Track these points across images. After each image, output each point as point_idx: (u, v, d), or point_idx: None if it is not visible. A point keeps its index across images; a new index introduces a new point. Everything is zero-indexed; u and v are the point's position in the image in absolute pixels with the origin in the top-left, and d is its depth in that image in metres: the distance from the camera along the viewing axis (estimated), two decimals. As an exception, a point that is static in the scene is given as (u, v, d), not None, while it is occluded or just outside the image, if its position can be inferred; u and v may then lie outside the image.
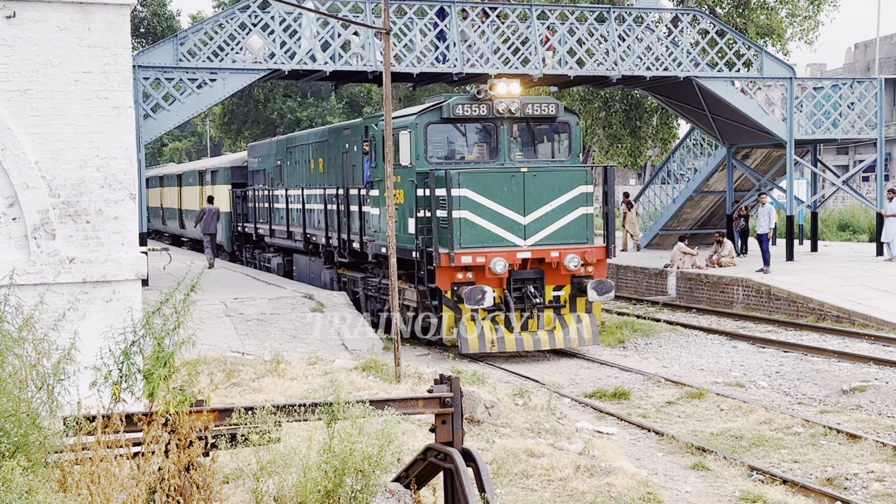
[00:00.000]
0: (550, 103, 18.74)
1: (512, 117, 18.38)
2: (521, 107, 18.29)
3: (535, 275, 17.63)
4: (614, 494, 9.37)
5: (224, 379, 13.64)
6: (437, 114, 18.26)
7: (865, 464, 11.50)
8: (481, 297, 16.59)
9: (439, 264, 17.21)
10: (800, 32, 32.72)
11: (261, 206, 29.16)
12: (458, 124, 18.56)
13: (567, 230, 17.77)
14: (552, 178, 17.79)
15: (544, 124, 19.09)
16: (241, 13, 21.72)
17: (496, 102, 18.08)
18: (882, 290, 22.08)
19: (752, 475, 11.10)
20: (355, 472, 6.78)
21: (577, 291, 17.99)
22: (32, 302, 7.92)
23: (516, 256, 17.31)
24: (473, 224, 17.23)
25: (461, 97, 18.65)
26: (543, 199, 17.60)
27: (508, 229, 17.44)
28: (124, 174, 9.08)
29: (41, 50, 8.90)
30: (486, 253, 17.05)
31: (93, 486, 6.24)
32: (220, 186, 33.22)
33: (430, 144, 18.33)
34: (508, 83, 18.42)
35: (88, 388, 6.64)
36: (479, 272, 17.15)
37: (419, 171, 18.13)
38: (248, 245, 31.45)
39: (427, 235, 17.93)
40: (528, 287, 17.46)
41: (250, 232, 30.44)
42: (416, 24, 22.99)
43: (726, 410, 14.25)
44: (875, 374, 15.80)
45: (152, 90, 21.03)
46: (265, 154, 29.98)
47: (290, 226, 26.00)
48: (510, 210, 17.44)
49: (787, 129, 26.26)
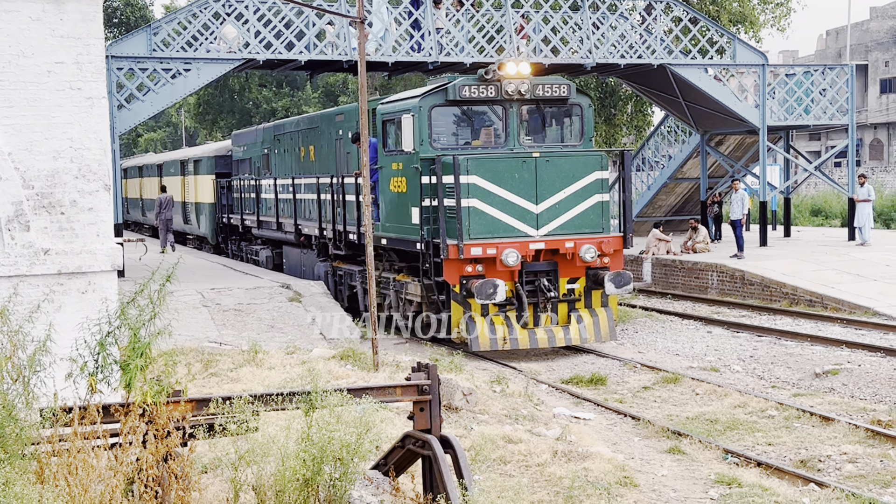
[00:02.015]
0: (562, 84, 17.51)
1: (521, 99, 17.13)
2: (531, 88, 17.05)
3: (549, 267, 16.47)
4: (591, 479, 9.40)
5: (202, 369, 13.59)
6: (442, 96, 16.98)
7: (838, 445, 11.58)
8: (493, 292, 15.45)
9: (447, 256, 15.98)
10: (772, 20, 32.88)
11: (247, 196, 28.14)
12: (464, 107, 17.33)
13: (582, 219, 16.58)
14: (566, 163, 16.55)
15: (555, 106, 17.84)
16: (214, 3, 21.59)
17: (505, 83, 16.85)
18: (854, 274, 22.25)
19: (728, 458, 11.16)
20: (334, 460, 6.79)
21: (592, 284, 16.78)
22: (7, 294, 7.88)
23: (529, 247, 16.16)
24: (483, 213, 16.07)
25: (468, 78, 17.50)
26: (557, 186, 16.41)
27: (520, 218, 16.26)
28: (98, 165, 9.03)
29: (13, 40, 8.83)
30: (496, 244, 15.92)
31: (70, 478, 6.22)
32: (204, 176, 32.50)
33: (434, 128, 17.03)
34: (518, 63, 17.18)
35: (64, 379, 6.61)
36: (489, 264, 16.01)
37: (424, 157, 16.84)
38: (233, 237, 30.53)
39: (433, 226, 16.66)
40: (541, 280, 16.33)
41: (236, 223, 29.48)
42: (390, 12, 22.93)
43: (701, 395, 14.32)
44: (847, 357, 15.92)
45: (126, 80, 20.89)
46: (251, 142, 29.04)
47: (279, 217, 25.03)
48: (521, 198, 16.29)
49: (759, 116, 26.39)
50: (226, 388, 12.10)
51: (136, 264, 20.71)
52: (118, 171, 21.77)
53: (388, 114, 17.98)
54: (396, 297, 18.13)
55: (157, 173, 40.32)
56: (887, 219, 36.18)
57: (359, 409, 7.07)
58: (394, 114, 17.74)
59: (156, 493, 6.53)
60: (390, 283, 18.44)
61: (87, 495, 6.21)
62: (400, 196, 17.68)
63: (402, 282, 17.76)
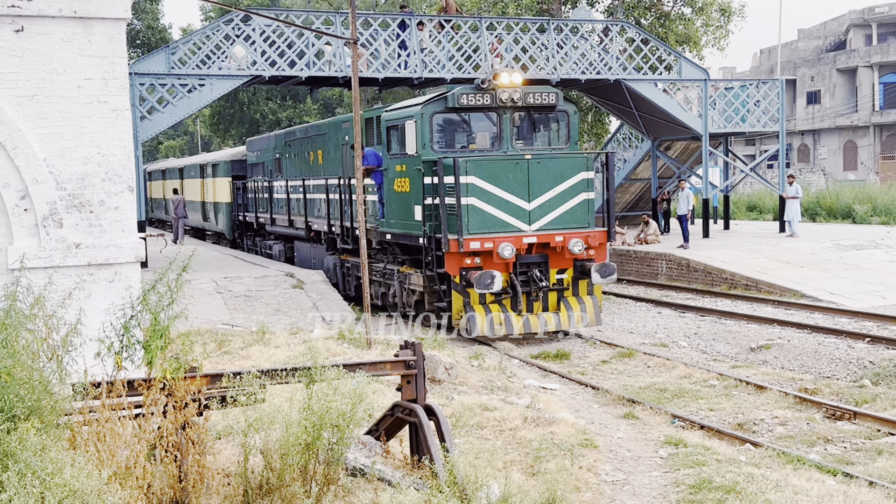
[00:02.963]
0: (551, 92, 16.95)
1: (514, 106, 16.61)
2: (523, 96, 16.55)
3: (540, 259, 16.00)
4: (557, 441, 9.42)
5: (215, 348, 13.56)
6: (442, 103, 16.51)
7: (771, 410, 11.66)
8: (490, 282, 14.96)
9: (448, 250, 15.52)
10: (713, 40, 32.91)
11: (261, 196, 27.67)
12: (462, 113, 16.72)
13: (570, 215, 16.08)
14: (555, 164, 16.05)
15: (544, 113, 17.26)
16: (225, 26, 21.55)
17: (499, 92, 16.34)
18: (784, 261, 22.37)
19: (675, 422, 11.21)
20: (331, 427, 6.77)
21: (579, 274, 16.33)
22: (42, 282, 7.82)
23: (522, 241, 15.68)
24: (481, 210, 15.56)
25: (465, 87, 16.87)
26: (547, 185, 15.95)
27: (514, 215, 15.78)
28: (123, 169, 8.98)
29: (47, 60, 8.77)
30: (493, 238, 15.45)
31: (99, 444, 6.19)
32: (221, 179, 32.12)
33: (435, 133, 16.56)
34: (511, 73, 16.61)
35: (93, 358, 6.58)
36: (486, 257, 15.54)
37: (426, 159, 16.38)
38: (248, 233, 30.06)
39: (434, 222, 16.23)
40: (533, 271, 15.89)
41: (251, 221, 28.97)
42: (380, 34, 22.88)
43: (652, 367, 14.39)
44: (778, 333, 16.01)
45: (148, 94, 20.75)
46: (263, 148, 28.58)
47: (291, 214, 24.48)
48: (515, 196, 15.79)
49: (702, 124, 26.45)
50: (237, 365, 12.09)
51: (158, 256, 20.63)
52: (141, 175, 21.65)
53: (392, 120, 17.61)
54: (400, 287, 17.78)
55: (179, 176, 39.84)
56: (813, 213, 36.35)
57: (353, 382, 7.05)
58: (397, 120, 17.35)
59: (175, 457, 6.50)
60: (395, 275, 18.04)
61: (114, 459, 6.18)
62: (403, 195, 17.23)
63: (406, 273, 17.32)
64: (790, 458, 9.40)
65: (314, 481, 6.66)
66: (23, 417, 5.79)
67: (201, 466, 6.58)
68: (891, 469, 9.24)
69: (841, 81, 64.16)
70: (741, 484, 8.11)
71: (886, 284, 19.86)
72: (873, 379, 13.10)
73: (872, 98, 62.23)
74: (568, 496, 7.79)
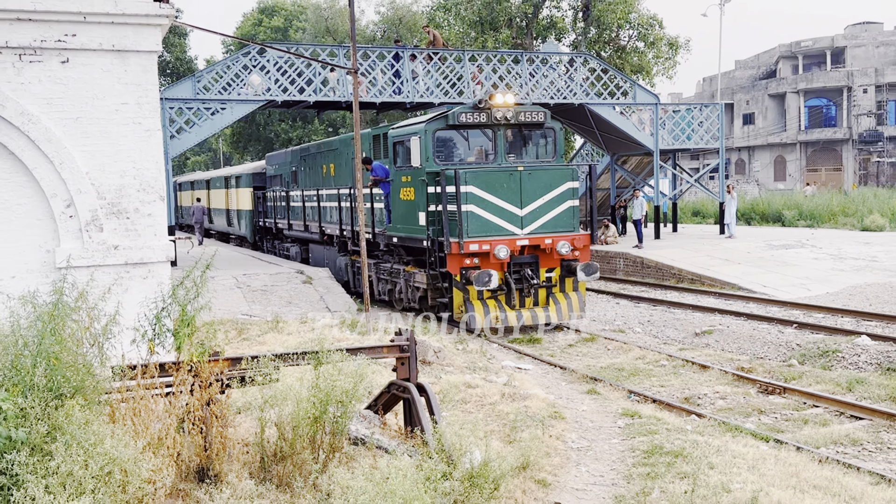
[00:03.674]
0: (539, 111, 16.51)
1: (507, 123, 16.19)
2: (515, 114, 16.14)
3: (531, 259, 15.60)
4: (530, 414, 9.43)
5: (236, 335, 13.51)
6: (443, 121, 16.08)
7: (713, 386, 11.70)
8: (488, 280, 14.62)
9: (450, 252, 15.09)
10: (662, 70, 33.08)
11: (279, 204, 27.28)
12: (461, 130, 16.31)
13: (557, 220, 15.69)
14: (544, 175, 15.64)
15: (534, 130, 16.78)
16: (243, 57, 21.50)
17: (494, 111, 15.97)
18: (723, 259, 22.46)
19: (631, 397, 11.23)
20: (336, 402, 6.76)
21: (565, 272, 15.91)
22: (85, 279, 7.78)
23: (516, 244, 15.27)
24: (479, 216, 15.15)
25: (463, 107, 16.38)
26: (537, 193, 15.55)
27: (508, 220, 15.39)
28: (155, 181, 8.93)
29: (89, 87, 8.72)
30: (490, 241, 15.06)
31: (135, 418, 6.16)
32: (243, 189, 31.88)
33: (437, 148, 16.13)
34: (504, 94, 16.20)
35: (130, 344, 6.54)
36: (483, 258, 15.15)
37: (429, 171, 15.92)
38: (268, 237, 29.66)
39: (437, 226, 15.77)
40: (525, 270, 15.46)
41: (270, 226, 28.57)
42: (377, 65, 22.84)
43: (611, 350, 14.40)
44: (719, 320, 16.06)
45: (176, 117, 20.65)
46: (281, 162, 28.10)
47: (306, 220, 24.05)
48: (509, 203, 15.37)
49: (654, 142, 26.52)
50: (254, 350, 12.06)
51: (185, 256, 20.54)
52: (171, 186, 21.55)
53: (398, 136, 17.29)
54: (406, 284, 17.43)
55: (206, 187, 39.49)
56: (748, 218, 36.52)
57: (355, 364, 7.04)
58: (403, 136, 17.02)
59: (201, 429, 6.48)
60: (401, 273, 17.67)
61: (148, 431, 6.15)
62: (408, 203, 16.85)
63: (411, 272, 16.93)
64: (729, 428, 9.44)
65: (321, 449, 6.65)
66: (69, 396, 5.76)
67: (224, 437, 6.55)
68: (814, 436, 9.30)
69: (772, 105, 64.46)
70: (687, 449, 8.14)
71: (811, 278, 19.96)
72: (800, 359, 13.16)
73: (799, 119, 62.54)
74: (540, 461, 7.81)
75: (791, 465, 7.81)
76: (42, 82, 8.58)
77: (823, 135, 61.16)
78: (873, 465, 8.38)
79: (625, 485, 7.44)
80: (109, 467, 5.34)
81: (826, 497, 6.92)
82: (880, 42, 62.09)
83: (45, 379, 5.68)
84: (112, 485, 5.32)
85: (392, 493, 5.54)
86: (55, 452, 5.30)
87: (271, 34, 48.84)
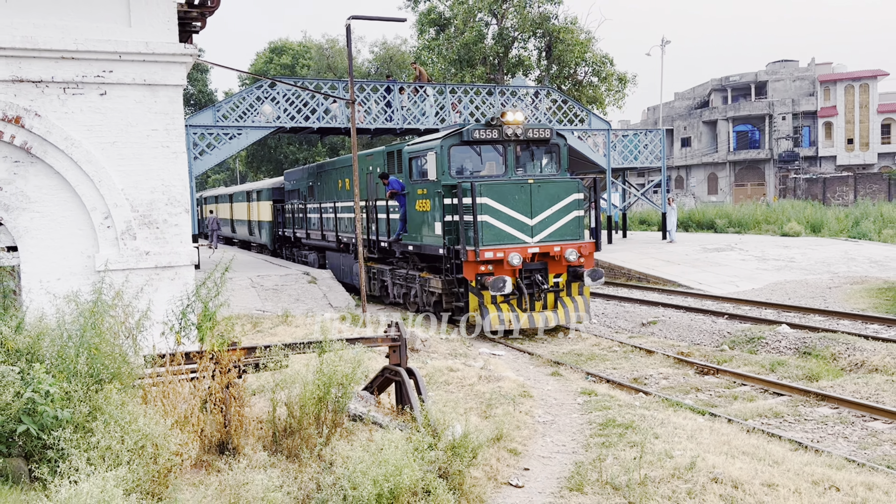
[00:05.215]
0: (546, 128, 15.42)
1: (517, 140, 15.03)
2: (524, 131, 15.03)
3: (541, 265, 14.43)
4: (503, 392, 9.44)
5: (251, 328, 13.43)
6: (458, 138, 14.91)
7: (657, 368, 11.73)
8: (503, 285, 13.48)
9: (466, 259, 13.93)
10: (613, 101, 33.23)
11: (297, 216, 26.18)
12: (474, 146, 15.06)
13: (564, 229, 14.52)
14: (552, 187, 14.52)
15: (541, 145, 15.56)
16: (257, 90, 21.43)
17: (505, 128, 14.84)
18: (666, 260, 22.59)
19: (588, 378, 11.23)
20: (337, 384, 6.73)
21: (571, 278, 14.68)
22: (121, 280, 7.72)
23: (527, 251, 14.11)
24: (492, 226, 14.06)
25: (477, 124, 15.19)
26: (546, 204, 14.42)
27: (519, 229, 14.23)
28: (181, 196, 8.88)
29: (123, 116, 8.67)
30: (504, 249, 13.91)
31: (164, 400, 6.12)
32: (264, 202, 30.99)
33: (452, 162, 14.94)
34: (515, 112, 15.03)
35: (159, 336, 6.50)
36: (497, 265, 13.98)
37: (445, 184, 14.77)
38: (287, 245, 28.63)
39: (453, 235, 14.65)
40: (535, 276, 14.25)
41: (289, 235, 27.45)
42: (371, 96, 22.83)
43: (572, 338, 14.41)
44: (662, 312, 16.13)
45: (199, 141, 20.53)
46: (298, 178, 26.95)
47: (323, 230, 22.75)
48: (520, 214, 14.25)
49: (607, 162, 26.65)
50: (267, 340, 11.99)
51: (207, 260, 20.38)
52: (194, 200, 21.38)
53: (414, 152, 16.20)
54: (421, 289, 16.29)
55: (229, 201, 38.22)
56: (686, 225, 36.74)
57: (354, 352, 7.03)
58: (419, 152, 15.93)
59: (221, 409, 6.44)
60: (416, 279, 16.30)
61: (175, 411, 6.11)
62: (424, 213, 15.66)
63: (426, 278, 15.66)
64: (671, 403, 9.47)
65: (325, 425, 6.63)
66: (107, 381, 5.72)
67: (241, 416, 6.51)
68: (743, 410, 9.36)
69: (705, 130, 64.96)
70: (636, 422, 8.17)
71: (739, 276, 20.10)
72: (730, 345, 13.23)
73: (728, 142, 63.07)
74: (511, 433, 7.81)
75: (723, 435, 7.85)
76: (83, 112, 8.51)
77: (749, 155, 61.74)
78: (792, 434, 8.44)
79: (583, 452, 7.46)
80: (142, 442, 5.30)
81: (753, 461, 6.98)
82: (796, 77, 62.79)
83: (87, 366, 5.64)
84: (145, 457, 5.28)
85: (385, 461, 5.53)
86: (95, 430, 5.25)
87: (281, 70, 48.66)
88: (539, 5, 32.16)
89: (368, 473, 5.45)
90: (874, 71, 59.24)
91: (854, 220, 31.29)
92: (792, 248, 24.52)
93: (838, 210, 36.34)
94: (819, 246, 25.16)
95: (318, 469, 6.02)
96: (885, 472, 6.98)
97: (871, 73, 59.14)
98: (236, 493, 5.30)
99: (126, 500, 4.75)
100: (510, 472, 6.89)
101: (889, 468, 7.21)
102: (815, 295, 17.45)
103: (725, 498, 6.05)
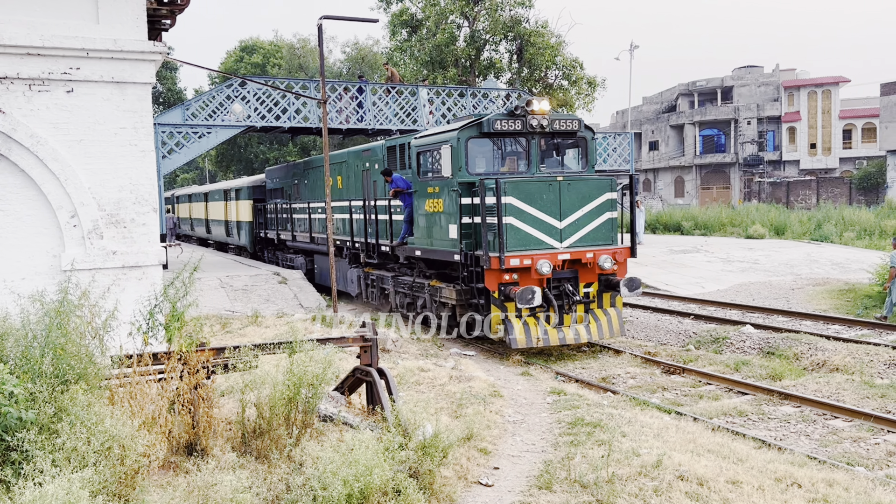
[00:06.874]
0: (573, 119, 13.46)
1: (542, 132, 13.10)
2: (550, 122, 13.10)
3: (571, 274, 12.58)
4: (473, 392, 9.45)
5: (220, 328, 13.28)
6: (477, 129, 12.91)
7: (625, 368, 11.80)
8: (532, 297, 11.64)
9: (489, 267, 12.02)
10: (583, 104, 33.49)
11: (281, 216, 24.21)
12: (494, 138, 13.12)
13: (596, 233, 12.72)
14: (583, 186, 12.65)
15: (567, 138, 13.61)
16: (227, 88, 21.21)
17: (529, 118, 12.90)
18: (633, 262, 22.77)
19: (557, 378, 11.28)
20: (308, 385, 6.70)
21: (604, 287, 12.89)
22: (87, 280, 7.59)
23: (557, 258, 12.28)
24: (518, 229, 12.16)
25: (498, 114, 13.14)
26: (576, 205, 12.58)
27: (547, 233, 12.37)
28: (149, 195, 8.76)
29: (90, 113, 8.52)
30: (532, 255, 12.05)
31: (131, 401, 6.03)
32: (243, 201, 28.97)
33: (470, 157, 13.00)
34: (541, 100, 13.02)
35: (127, 336, 6.41)
36: (523, 273, 12.12)
37: (461, 181, 12.80)
38: (269, 247, 26.57)
39: (471, 240, 12.73)
40: (565, 285, 12.48)
41: (272, 237, 25.27)
42: (343, 96, 22.74)
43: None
44: (630, 313, 16.21)
45: (167, 139, 20.25)
46: (281, 176, 25.28)
47: (312, 231, 20.81)
48: (548, 215, 12.35)
49: (576, 164, 26.80)
50: (236, 341, 11.86)
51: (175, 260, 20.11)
52: (162, 199, 21.00)
53: (423, 146, 14.13)
54: (430, 299, 14.24)
55: (204, 199, 35.77)
56: (653, 227, 37.20)
57: (324, 352, 6.99)
58: (429, 146, 13.92)
59: (189, 409, 6.37)
60: (425, 288, 14.38)
61: (143, 412, 6.02)
62: (436, 215, 13.68)
63: (437, 287, 13.84)
64: (639, 402, 9.55)
65: (295, 426, 6.59)
66: (73, 381, 5.62)
67: (209, 417, 6.45)
68: (708, 408, 9.49)
69: (673, 134, 65.85)
70: (604, 421, 8.23)
71: (705, 278, 20.35)
72: (696, 345, 13.36)
73: (695, 146, 64.01)
74: (482, 432, 7.84)
75: (689, 433, 7.94)
76: (49, 109, 8.36)
77: (715, 159, 62.73)
78: (756, 432, 8.58)
79: (553, 451, 7.51)
80: (109, 443, 5.22)
81: (718, 459, 7.09)
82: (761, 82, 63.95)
83: (52, 367, 5.54)
84: (111, 458, 5.21)
85: (356, 461, 5.52)
86: (61, 431, 5.16)
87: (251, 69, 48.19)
88: (510, 9, 32.33)
89: (339, 474, 5.43)
90: (836, 77, 60.61)
91: (816, 223, 31.92)
92: (756, 251, 24.86)
93: (801, 213, 37.06)
94: (782, 248, 25.60)
95: (288, 470, 5.99)
96: (845, 469, 7.14)
97: (833, 79, 60.49)
98: (204, 495, 5.24)
99: (92, 501, 4.67)
100: (480, 471, 6.91)
101: (849, 465, 7.38)
102: (778, 296, 17.71)
103: (691, 495, 6.14)
